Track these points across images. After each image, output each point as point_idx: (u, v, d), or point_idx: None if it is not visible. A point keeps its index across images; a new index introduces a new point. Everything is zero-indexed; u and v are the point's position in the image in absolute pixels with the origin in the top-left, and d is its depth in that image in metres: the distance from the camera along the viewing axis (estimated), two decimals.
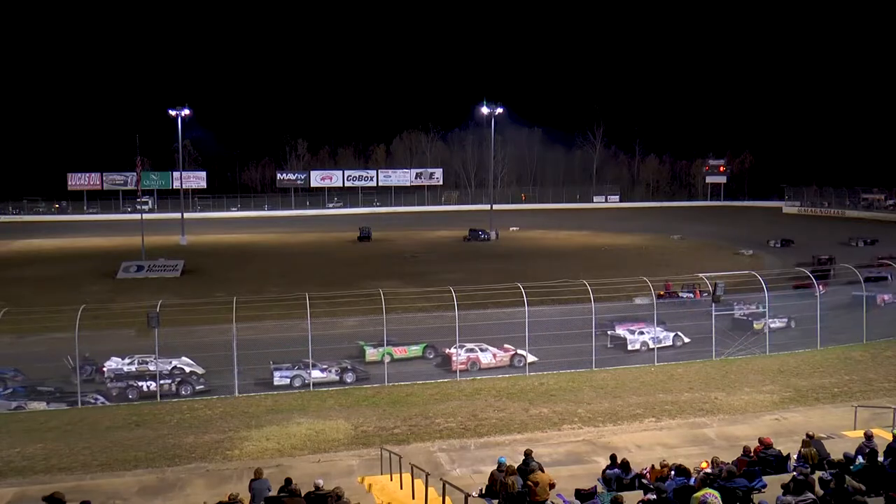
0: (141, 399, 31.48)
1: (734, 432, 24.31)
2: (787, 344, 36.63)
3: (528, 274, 52.44)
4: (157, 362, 32.90)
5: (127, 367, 34.03)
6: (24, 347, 36.75)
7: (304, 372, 32.69)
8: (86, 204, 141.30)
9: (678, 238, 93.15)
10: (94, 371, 33.90)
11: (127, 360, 34.29)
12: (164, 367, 33.53)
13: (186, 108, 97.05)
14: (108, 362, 34.12)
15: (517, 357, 35.14)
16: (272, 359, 33.46)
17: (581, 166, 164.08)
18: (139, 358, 34.31)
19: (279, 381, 32.60)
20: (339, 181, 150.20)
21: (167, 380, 32.49)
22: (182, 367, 34.19)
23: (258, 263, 74.11)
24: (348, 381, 33.05)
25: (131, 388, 31.99)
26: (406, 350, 36.75)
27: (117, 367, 33.99)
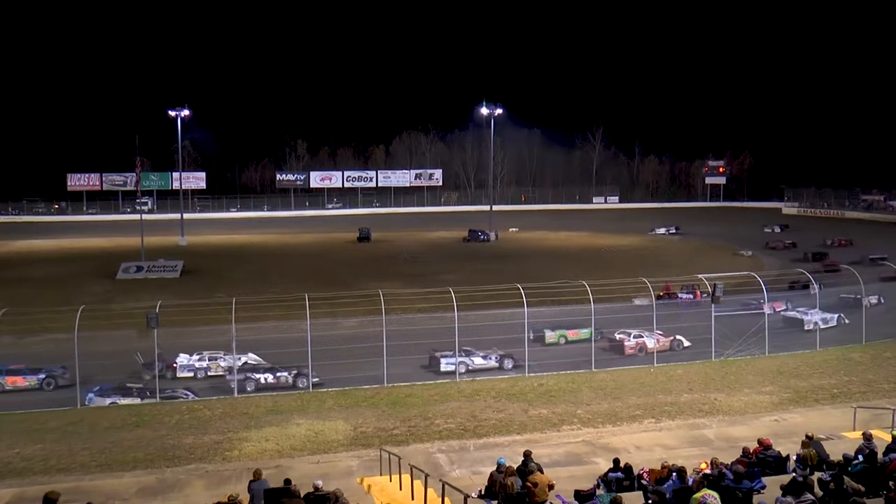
0: (258, 391, 32.29)
1: (733, 433, 24.29)
2: (786, 345, 36.63)
3: (527, 275, 52.42)
4: (227, 358, 34.37)
5: (198, 363, 35.35)
6: (23, 348, 36.86)
7: (468, 359, 34.88)
8: (85, 204, 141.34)
9: (677, 239, 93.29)
10: (165, 367, 34.57)
11: (196, 357, 35.51)
12: (235, 362, 34.30)
13: (186, 108, 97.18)
14: (178, 359, 35.23)
15: (675, 342, 37.44)
16: (433, 347, 35.10)
17: (581, 167, 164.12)
18: (209, 354, 35.51)
19: (445, 367, 34.49)
20: (339, 182, 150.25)
21: (284, 372, 33.48)
22: (251, 362, 35.16)
23: (257, 264, 74.13)
24: (507, 367, 34.84)
25: (249, 380, 33.00)
26: (577, 332, 38.96)
27: (188, 363, 35.23)
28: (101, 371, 32.55)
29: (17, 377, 33.52)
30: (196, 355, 35.66)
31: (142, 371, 34.15)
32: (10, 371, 33.77)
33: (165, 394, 31.35)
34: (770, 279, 41.86)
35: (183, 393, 31.70)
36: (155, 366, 32.87)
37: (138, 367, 34.64)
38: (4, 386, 33.26)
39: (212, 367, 35.39)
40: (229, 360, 34.34)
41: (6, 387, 33.23)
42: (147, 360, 34.27)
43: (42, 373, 33.85)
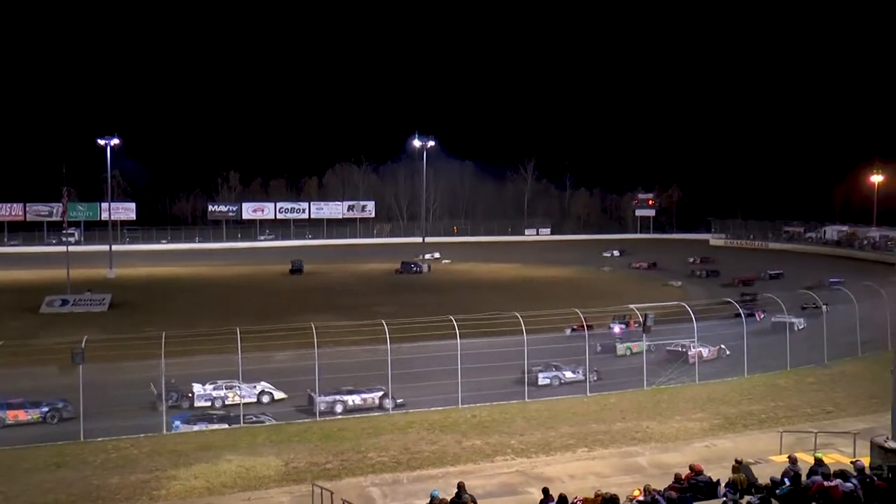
0: (345, 413, 32.77)
1: (666, 460, 24.61)
2: (716, 372, 37.35)
3: (460, 306, 52.54)
4: (245, 387, 34.20)
5: (214, 391, 35.03)
6: None
7: (560, 373, 37.53)
8: (6, 235, 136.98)
9: (608, 269, 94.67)
10: (180, 397, 34.12)
11: (211, 386, 35.08)
12: (250, 391, 34.63)
13: (116, 137, 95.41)
14: (195, 388, 34.93)
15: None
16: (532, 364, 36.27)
17: (512, 199, 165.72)
18: (225, 383, 35.09)
19: (543, 381, 37.04)
20: (271, 213, 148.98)
21: (371, 393, 33.82)
22: (269, 391, 35.33)
23: (189, 297, 72.83)
24: (593, 381, 36.22)
25: (337, 402, 33.46)
26: (637, 346, 41.24)
27: (205, 392, 34.83)
28: (106, 403, 31.17)
29: (18, 411, 32.08)
30: (210, 384, 35.27)
31: (157, 402, 33.19)
32: (10, 405, 32.30)
33: (249, 419, 31.34)
34: (699, 308, 42.65)
35: (265, 417, 32.03)
36: (164, 397, 32.14)
37: (153, 397, 33.79)
38: (6, 421, 31.77)
39: (229, 396, 34.88)
40: (247, 388, 34.39)
41: (7, 421, 31.77)
42: (161, 390, 33.52)
43: (44, 406, 32.60)
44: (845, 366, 39.34)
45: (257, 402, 34.79)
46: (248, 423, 31.14)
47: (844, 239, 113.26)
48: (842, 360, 40.23)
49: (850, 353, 41.25)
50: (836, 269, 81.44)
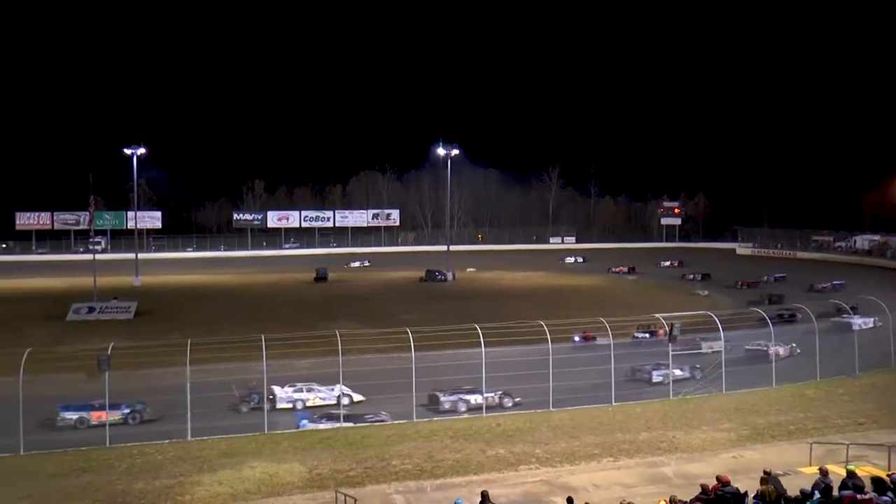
0: (469, 412, 33.40)
1: (692, 470, 24.30)
2: (743, 382, 36.85)
3: (485, 315, 52.35)
4: (324, 389, 35.61)
5: (295, 394, 35.54)
6: None
7: (670, 370, 37.80)
8: (35, 244, 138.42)
9: (634, 279, 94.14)
10: (260, 399, 34.26)
11: (291, 389, 35.65)
12: (329, 393, 35.40)
13: (142, 146, 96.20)
14: (277, 391, 35.25)
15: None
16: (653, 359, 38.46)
17: (537, 207, 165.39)
18: (304, 386, 35.83)
19: (657, 378, 38.22)
20: (296, 222, 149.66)
21: (491, 393, 34.12)
22: (347, 393, 35.47)
23: (213, 305, 73.17)
24: (697, 378, 37.81)
25: (461, 401, 34.21)
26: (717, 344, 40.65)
27: (286, 395, 35.28)
28: (182, 406, 30.89)
29: (101, 412, 32.56)
30: (290, 387, 35.62)
31: (239, 404, 34.24)
32: (93, 406, 32.91)
33: (367, 420, 31.98)
34: (725, 317, 42.20)
35: (384, 415, 32.45)
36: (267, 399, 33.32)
37: (234, 399, 34.87)
38: (90, 421, 32.43)
39: (309, 398, 35.47)
40: (326, 391, 35.46)
41: (91, 422, 32.41)
42: (243, 392, 34.79)
43: (125, 407, 33.18)
44: (877, 377, 38.55)
45: (337, 404, 35.00)
46: (369, 422, 31.71)
47: (875, 248, 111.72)
48: (874, 371, 39.46)
49: (883, 365, 40.50)
50: (866, 278, 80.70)
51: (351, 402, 35.47)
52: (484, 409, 33.50)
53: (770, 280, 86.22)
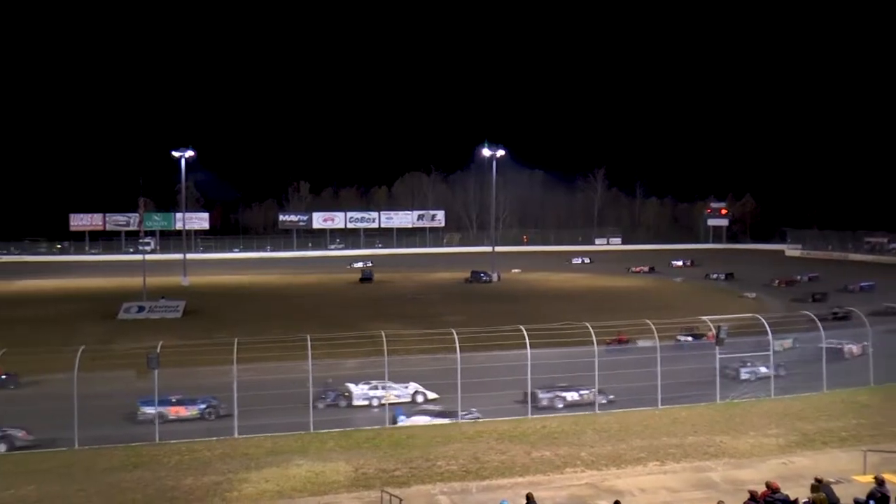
0: (566, 408, 33.94)
1: (740, 476, 23.95)
2: (792, 387, 36.23)
3: (530, 316, 52.18)
4: (398, 387, 35.91)
5: (370, 391, 36.08)
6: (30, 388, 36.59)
7: (756, 368, 38.66)
8: (88, 244, 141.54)
9: (680, 280, 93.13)
10: (337, 396, 35.31)
11: (367, 386, 36.30)
12: (404, 391, 35.90)
13: (190, 149, 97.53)
14: (352, 388, 36.21)
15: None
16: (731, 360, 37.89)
17: (582, 208, 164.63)
18: (379, 383, 35.95)
19: (745, 376, 38.39)
20: (342, 223, 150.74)
21: (585, 390, 34.70)
22: (421, 391, 36.33)
23: (260, 305, 73.95)
24: (782, 375, 37.77)
25: (558, 397, 34.76)
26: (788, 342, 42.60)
27: (362, 392, 35.98)
28: (260, 401, 31.88)
29: (179, 407, 33.78)
30: (365, 384, 36.21)
31: (316, 400, 34.70)
32: (171, 401, 33.88)
33: (461, 416, 32.28)
34: (774, 321, 41.49)
35: (475, 412, 32.65)
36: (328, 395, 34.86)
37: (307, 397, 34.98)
38: (168, 416, 33.28)
39: (384, 396, 35.79)
40: (400, 388, 35.87)
41: (170, 416, 33.29)
42: (319, 389, 35.29)
43: (201, 403, 34.10)
44: None
45: (412, 402, 35.55)
46: (463, 419, 32.09)
47: None
48: None
49: None
50: None
51: (425, 400, 35.92)
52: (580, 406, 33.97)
53: (803, 279, 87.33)
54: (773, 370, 38.51)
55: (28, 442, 30.21)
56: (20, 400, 35.76)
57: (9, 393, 38.08)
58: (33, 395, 33.40)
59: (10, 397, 36.75)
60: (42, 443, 29.85)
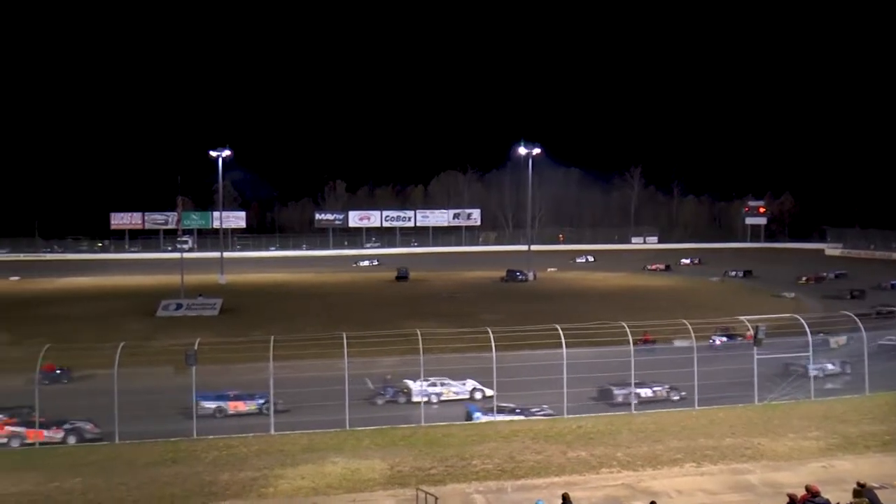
0: (641, 404, 34.19)
1: (779, 479, 23.63)
2: (833, 389, 35.68)
3: (566, 315, 51.91)
4: (456, 384, 36.91)
5: (429, 388, 36.54)
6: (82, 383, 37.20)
7: (824, 365, 38.59)
8: (128, 243, 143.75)
9: (717, 280, 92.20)
10: (396, 393, 36.12)
11: (426, 383, 36.49)
12: (462, 388, 36.65)
13: (227, 149, 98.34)
14: (411, 385, 36.46)
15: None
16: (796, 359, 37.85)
17: (619, 207, 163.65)
18: (438, 380, 36.90)
19: (814, 372, 37.14)
20: (377, 221, 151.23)
21: (659, 386, 35.46)
22: (479, 388, 36.74)
23: (296, 303, 74.44)
24: (847, 372, 38.45)
25: (633, 393, 34.69)
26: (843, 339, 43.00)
27: (421, 388, 36.25)
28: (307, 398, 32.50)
29: (238, 402, 34.44)
30: (423, 381, 36.36)
31: (374, 397, 35.80)
32: (229, 396, 34.62)
33: (533, 413, 32.75)
34: (813, 321, 40.89)
35: (546, 408, 33.12)
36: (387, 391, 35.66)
37: (368, 393, 36.40)
38: (227, 411, 34.10)
39: (443, 393, 36.60)
40: (458, 385, 36.76)
41: (229, 411, 34.07)
42: (377, 386, 36.30)
43: (260, 398, 34.48)
44: None
45: (470, 399, 35.89)
46: (539, 415, 32.52)
47: None
48: None
49: None
50: None
51: (483, 397, 36.09)
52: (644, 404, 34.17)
53: (830, 276, 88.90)
54: (840, 367, 38.97)
55: (96, 434, 31.00)
56: (74, 394, 36.30)
57: (63, 387, 38.97)
58: (86, 389, 33.96)
59: (65, 392, 37.50)
60: (106, 435, 30.54)
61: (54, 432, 30.65)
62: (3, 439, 30.22)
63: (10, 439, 30.25)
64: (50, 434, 30.57)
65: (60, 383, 39.70)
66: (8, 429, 30.46)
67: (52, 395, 35.62)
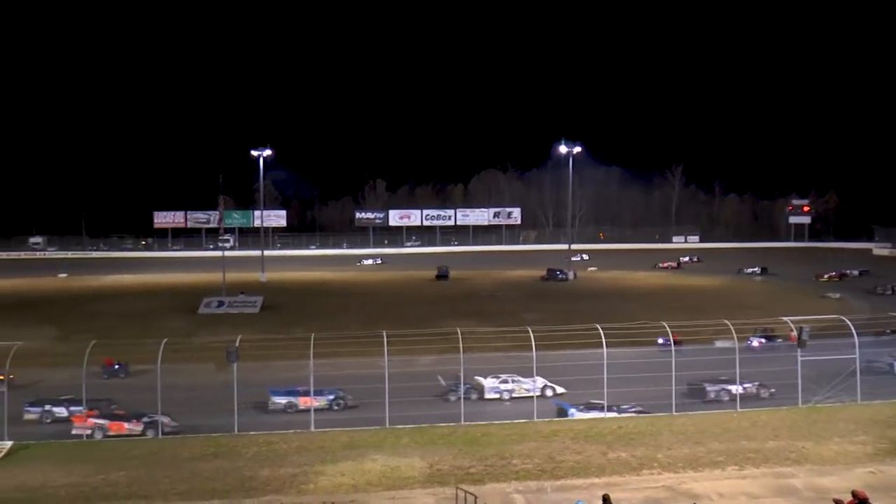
0: (731, 401, 34.35)
1: (824, 484, 23.22)
2: (881, 391, 34.91)
3: (606, 315, 51.57)
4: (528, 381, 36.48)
5: (501, 385, 37.15)
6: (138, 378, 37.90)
7: None
8: (170, 241, 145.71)
9: (759, 280, 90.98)
10: (469, 389, 36.07)
11: (498, 380, 37.32)
12: (533, 385, 36.27)
13: (268, 148, 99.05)
14: (484, 381, 37.07)
15: None
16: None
17: (660, 206, 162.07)
18: (509, 377, 37.26)
19: None
20: (418, 220, 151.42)
21: (749, 383, 35.70)
22: (550, 385, 36.91)
23: (336, 301, 74.84)
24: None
25: (723, 390, 35.48)
26: None
27: (493, 385, 37.05)
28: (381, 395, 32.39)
29: (308, 398, 34.60)
30: (495, 378, 36.91)
31: (447, 393, 36.17)
32: (300, 392, 35.06)
33: (626, 410, 32.82)
34: (860, 323, 40.10)
35: (636, 407, 33.17)
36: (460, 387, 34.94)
37: (441, 389, 36.79)
38: (298, 406, 34.59)
39: (515, 390, 36.86)
40: (529, 382, 36.38)
41: (300, 407, 34.50)
42: (450, 383, 36.28)
43: (330, 393, 35.08)
44: None
45: (541, 396, 35.86)
46: (630, 412, 32.60)
47: None
48: None
49: None
50: None
51: (554, 394, 36.24)
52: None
53: (854, 273, 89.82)
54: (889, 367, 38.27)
55: (174, 428, 31.59)
56: (131, 388, 36.74)
57: (121, 382, 39.75)
58: (142, 384, 34.38)
59: (122, 386, 38.14)
60: (184, 429, 31.20)
61: (134, 425, 31.39)
62: (87, 431, 30.97)
63: (94, 431, 31.00)
64: (130, 426, 31.32)
65: (118, 377, 40.71)
66: (92, 421, 31.26)
67: (111, 388, 36.78)
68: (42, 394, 35.56)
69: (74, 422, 31.46)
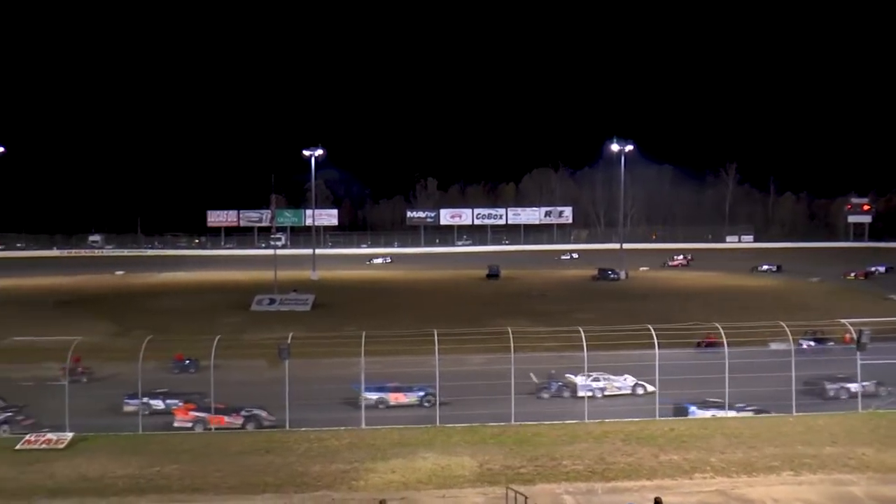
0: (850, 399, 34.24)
1: (887, 493, 22.61)
2: None
3: (658, 315, 50.97)
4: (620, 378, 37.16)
5: (593, 383, 36.68)
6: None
7: None
8: (223, 239, 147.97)
9: (817, 280, 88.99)
10: (560, 387, 36.74)
11: (590, 378, 36.63)
12: (623, 383, 36.97)
13: (320, 148, 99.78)
14: (576, 379, 36.63)
15: None
16: None
17: (713, 205, 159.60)
18: (601, 375, 37.16)
19: None
20: (469, 219, 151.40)
21: (867, 381, 34.57)
22: (641, 384, 36.78)
23: (387, 299, 75.10)
24: None
25: (843, 389, 35.29)
26: None
27: (585, 383, 36.53)
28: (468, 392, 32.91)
29: (399, 394, 35.44)
30: (584, 376, 36.38)
31: (540, 391, 36.61)
32: (390, 389, 35.67)
33: (743, 409, 32.63)
34: None
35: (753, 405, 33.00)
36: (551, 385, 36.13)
37: (532, 387, 36.91)
38: (388, 402, 35.11)
39: (607, 388, 37.01)
40: (620, 380, 36.99)
41: (390, 403, 35.07)
42: (542, 380, 37.01)
43: (419, 390, 35.39)
44: None
45: (632, 394, 36.22)
46: (748, 411, 32.43)
47: None
48: None
49: None
50: None
51: (645, 392, 36.00)
52: None
53: (880, 270, 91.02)
54: None
55: (272, 422, 32.11)
56: (200, 383, 37.06)
57: (191, 377, 40.25)
58: (212, 378, 34.85)
59: (193, 380, 38.53)
60: (281, 423, 31.48)
61: (234, 419, 31.93)
62: (188, 423, 31.62)
63: (195, 424, 31.61)
64: (230, 420, 31.84)
65: (188, 373, 41.32)
66: (192, 414, 31.89)
67: (182, 383, 37.57)
68: (121, 387, 35.88)
69: (176, 414, 32.01)
